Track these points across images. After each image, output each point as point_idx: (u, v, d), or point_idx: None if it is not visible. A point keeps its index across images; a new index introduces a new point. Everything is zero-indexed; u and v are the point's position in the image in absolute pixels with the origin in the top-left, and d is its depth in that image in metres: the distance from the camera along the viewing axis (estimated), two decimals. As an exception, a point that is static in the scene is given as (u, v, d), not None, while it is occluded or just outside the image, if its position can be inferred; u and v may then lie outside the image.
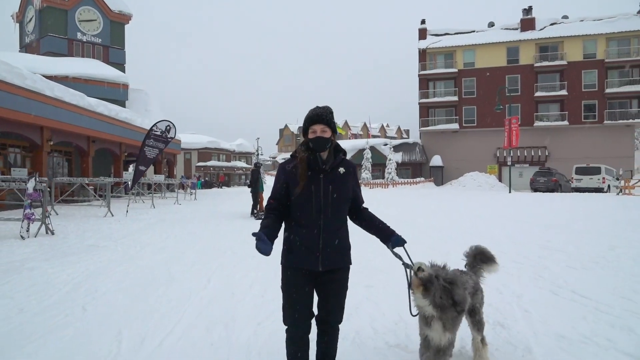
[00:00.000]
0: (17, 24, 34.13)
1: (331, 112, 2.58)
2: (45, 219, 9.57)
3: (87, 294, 4.73)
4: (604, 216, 11.32)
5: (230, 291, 4.78)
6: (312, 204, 2.47)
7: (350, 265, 2.63)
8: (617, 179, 24.35)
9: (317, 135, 2.50)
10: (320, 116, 2.51)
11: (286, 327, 2.55)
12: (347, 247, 2.61)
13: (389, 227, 2.70)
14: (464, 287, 2.63)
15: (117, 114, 22.60)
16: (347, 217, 2.67)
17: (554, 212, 12.68)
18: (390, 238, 2.62)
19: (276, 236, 2.43)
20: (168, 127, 14.95)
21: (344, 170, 2.56)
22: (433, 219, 11.50)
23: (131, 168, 35.88)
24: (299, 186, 2.46)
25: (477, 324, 2.93)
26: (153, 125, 15.07)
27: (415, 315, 2.66)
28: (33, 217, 9.23)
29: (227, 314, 4.01)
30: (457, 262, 3.18)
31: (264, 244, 2.29)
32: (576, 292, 4.34)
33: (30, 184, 9.46)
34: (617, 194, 22.38)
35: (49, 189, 12.25)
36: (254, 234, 2.34)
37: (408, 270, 2.57)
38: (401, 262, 2.61)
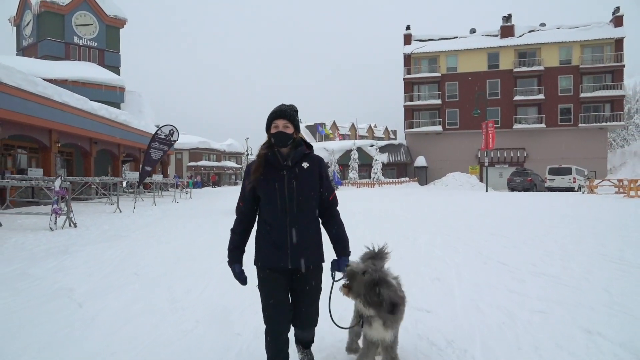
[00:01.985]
0: (14, 28, 35.01)
1: (295, 111, 2.58)
2: (69, 213, 10.91)
3: (132, 267, 6.16)
4: (559, 211, 12.98)
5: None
6: (277, 201, 2.47)
7: (323, 263, 2.66)
8: (588, 179, 26.23)
9: (279, 130, 2.50)
10: (284, 112, 2.51)
11: (265, 325, 2.61)
12: (318, 244, 2.60)
13: (341, 244, 2.65)
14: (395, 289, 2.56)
15: (116, 116, 23.80)
16: (317, 213, 2.66)
17: (518, 208, 14.33)
18: (337, 259, 2.62)
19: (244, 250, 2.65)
20: (171, 131, 16.33)
21: (308, 165, 2.55)
22: (409, 213, 13.04)
23: (125, 167, 37.01)
24: (252, 179, 2.51)
25: None
26: (158, 129, 16.44)
27: (346, 328, 2.80)
28: (60, 211, 10.59)
29: (244, 277, 5.47)
30: (425, 247, 4.66)
31: (240, 278, 2.63)
32: (500, 262, 5.90)
33: (57, 183, 10.80)
34: (583, 193, 24.27)
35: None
36: (230, 264, 2.65)
37: (333, 280, 2.63)
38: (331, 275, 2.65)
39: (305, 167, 2.54)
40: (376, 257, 2.71)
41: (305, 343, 2.80)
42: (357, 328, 2.83)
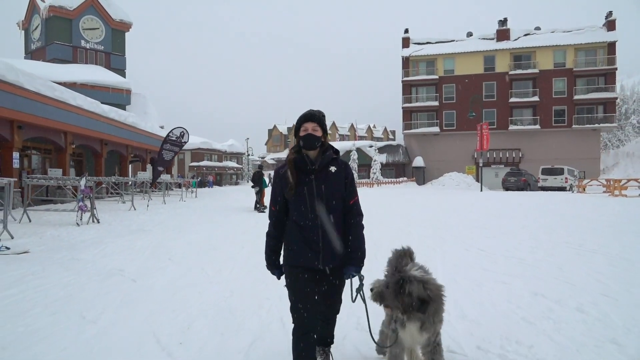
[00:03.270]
0: (23, 31, 35.96)
1: (324, 115, 2.68)
2: (93, 210, 11.90)
3: (165, 254, 7.14)
4: (544, 207, 14.01)
5: (260, 251, 7.20)
6: (306, 204, 2.54)
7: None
8: (578, 179, 27.31)
9: (307, 132, 2.58)
10: (313, 115, 2.61)
11: (294, 324, 2.62)
12: (345, 245, 2.66)
13: (353, 254, 2.64)
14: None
15: (125, 118, 24.74)
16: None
17: (507, 206, 15.36)
18: (345, 267, 2.65)
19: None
20: (182, 133, 17.33)
21: (335, 169, 2.63)
22: (406, 210, 14.06)
23: (131, 167, 37.94)
24: (289, 187, 2.57)
25: None
26: (169, 132, 17.43)
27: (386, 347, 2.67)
28: (85, 208, 11.58)
29: (263, 262, 6.46)
30: (417, 238, 5.66)
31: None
32: (480, 249, 6.92)
33: (82, 182, 11.79)
34: (573, 192, 25.33)
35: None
36: (269, 269, 2.82)
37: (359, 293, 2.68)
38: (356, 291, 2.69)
39: (332, 170, 2.63)
40: (399, 256, 2.78)
41: (325, 342, 2.88)
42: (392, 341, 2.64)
